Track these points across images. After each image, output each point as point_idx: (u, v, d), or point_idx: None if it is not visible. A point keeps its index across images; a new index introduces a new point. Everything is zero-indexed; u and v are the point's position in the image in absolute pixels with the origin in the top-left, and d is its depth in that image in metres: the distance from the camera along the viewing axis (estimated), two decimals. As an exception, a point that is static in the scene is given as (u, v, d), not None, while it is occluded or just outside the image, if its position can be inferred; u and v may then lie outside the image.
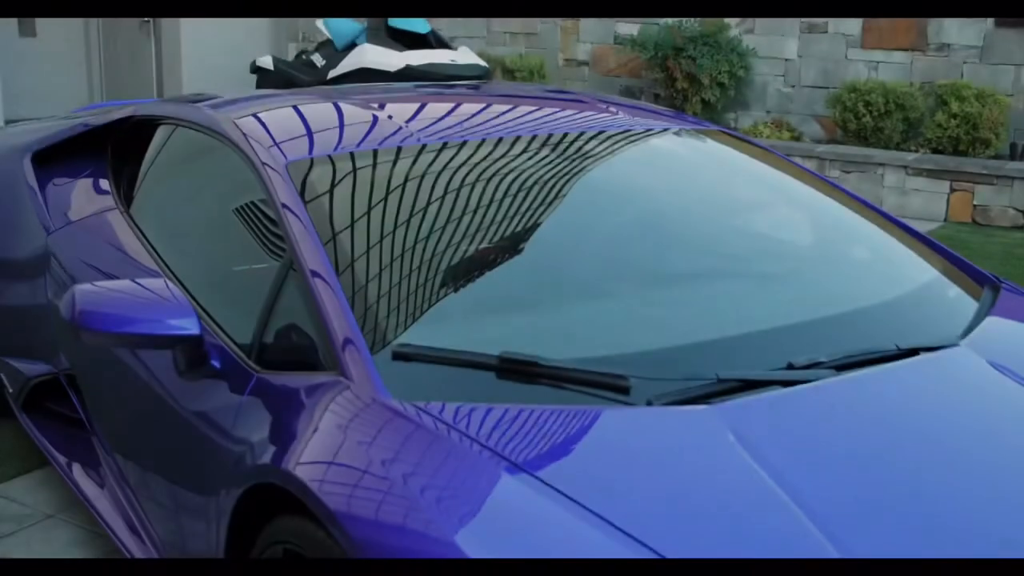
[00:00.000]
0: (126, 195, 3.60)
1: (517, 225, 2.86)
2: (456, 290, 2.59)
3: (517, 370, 2.26)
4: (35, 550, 3.36)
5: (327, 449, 2.14)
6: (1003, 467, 2.16)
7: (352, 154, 2.92)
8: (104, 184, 3.73)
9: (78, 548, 3.38)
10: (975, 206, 8.22)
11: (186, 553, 2.68)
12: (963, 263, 3.05)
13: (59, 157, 3.95)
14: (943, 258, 3.05)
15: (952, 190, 8.29)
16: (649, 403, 2.20)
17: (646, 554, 1.83)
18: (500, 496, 1.96)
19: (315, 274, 2.45)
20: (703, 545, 1.86)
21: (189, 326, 2.49)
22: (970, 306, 2.80)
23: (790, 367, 2.34)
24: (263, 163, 2.85)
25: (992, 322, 2.70)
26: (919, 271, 2.96)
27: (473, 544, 1.84)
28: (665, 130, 3.36)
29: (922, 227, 7.90)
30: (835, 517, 1.94)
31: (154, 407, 2.84)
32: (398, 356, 2.31)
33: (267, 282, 2.64)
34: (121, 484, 3.18)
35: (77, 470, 3.45)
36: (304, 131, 3.11)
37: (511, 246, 2.82)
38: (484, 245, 2.76)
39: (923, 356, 2.45)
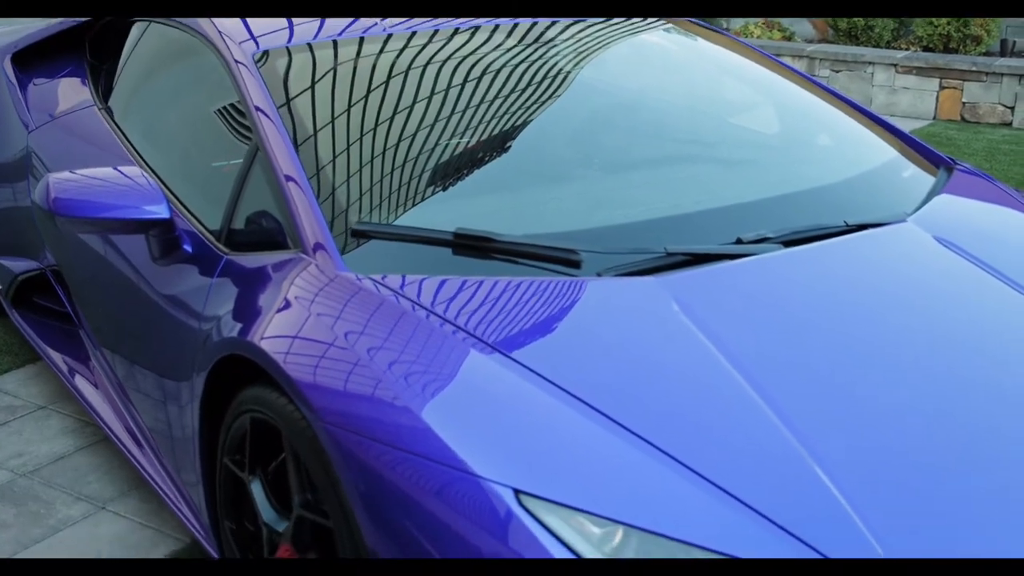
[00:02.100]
0: (104, 92, 3.66)
1: (483, 113, 2.92)
2: (418, 174, 2.66)
3: (472, 245, 2.34)
4: (27, 438, 3.49)
5: (292, 322, 2.23)
6: (937, 334, 2.25)
7: (335, 42, 2.96)
8: (82, 82, 3.78)
9: (69, 436, 3.51)
10: (964, 103, 8.22)
11: (170, 439, 2.79)
12: (920, 146, 3.11)
13: (38, 57, 4.00)
14: (901, 141, 3.11)
15: (941, 88, 8.28)
16: (599, 276, 2.29)
17: (595, 417, 1.91)
18: (467, 370, 2.04)
19: (289, 178, 2.51)
20: (651, 409, 1.95)
21: (159, 210, 2.57)
22: (923, 186, 2.87)
23: (738, 242, 2.42)
24: (236, 60, 2.89)
25: (942, 200, 2.77)
26: (875, 153, 3.02)
27: (438, 418, 1.92)
28: (634, 20, 3.39)
29: (910, 125, 7.92)
30: (770, 378, 2.04)
31: (133, 298, 2.93)
32: (357, 233, 2.39)
33: (236, 169, 2.71)
34: (109, 375, 3.29)
35: (67, 363, 3.56)
36: (280, 24, 3.13)
37: (475, 133, 2.88)
38: (449, 132, 2.82)
39: (869, 231, 2.52)
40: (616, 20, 3.34)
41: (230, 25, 3.06)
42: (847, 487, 1.83)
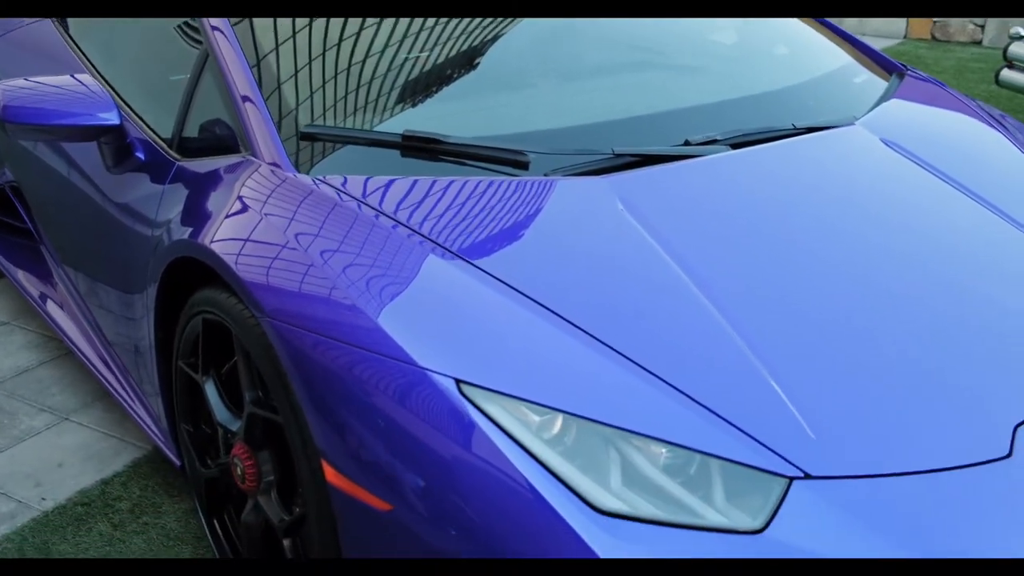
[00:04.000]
0: (58, 5, 3.62)
1: (439, 29, 2.91)
2: (368, 82, 2.65)
3: (420, 147, 2.35)
4: (-9, 353, 3.51)
5: (243, 224, 2.24)
6: (877, 232, 2.28)
7: None
8: (36, -5, 3.73)
9: (32, 351, 3.53)
10: (934, 22, 8.21)
11: (131, 352, 2.81)
12: (873, 52, 3.12)
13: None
14: (854, 48, 3.13)
15: (912, 6, 8.26)
16: (546, 176, 2.30)
17: (537, 310, 1.94)
18: (412, 267, 2.05)
19: (238, 84, 2.49)
20: (591, 302, 1.98)
21: (109, 117, 2.57)
22: (875, 91, 2.89)
23: (686, 143, 2.44)
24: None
25: (892, 104, 2.79)
26: (828, 59, 3.04)
27: (382, 311, 1.94)
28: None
29: (881, 44, 7.91)
30: (713, 273, 2.07)
31: (90, 212, 2.93)
32: (306, 136, 2.39)
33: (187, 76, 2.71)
34: (71, 291, 3.30)
35: (29, 280, 3.57)
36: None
37: (431, 48, 2.87)
38: (401, 42, 2.81)
39: (816, 134, 2.55)
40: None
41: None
42: (786, 380, 1.87)
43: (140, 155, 2.69)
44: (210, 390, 2.36)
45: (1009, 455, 1.81)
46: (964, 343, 2.02)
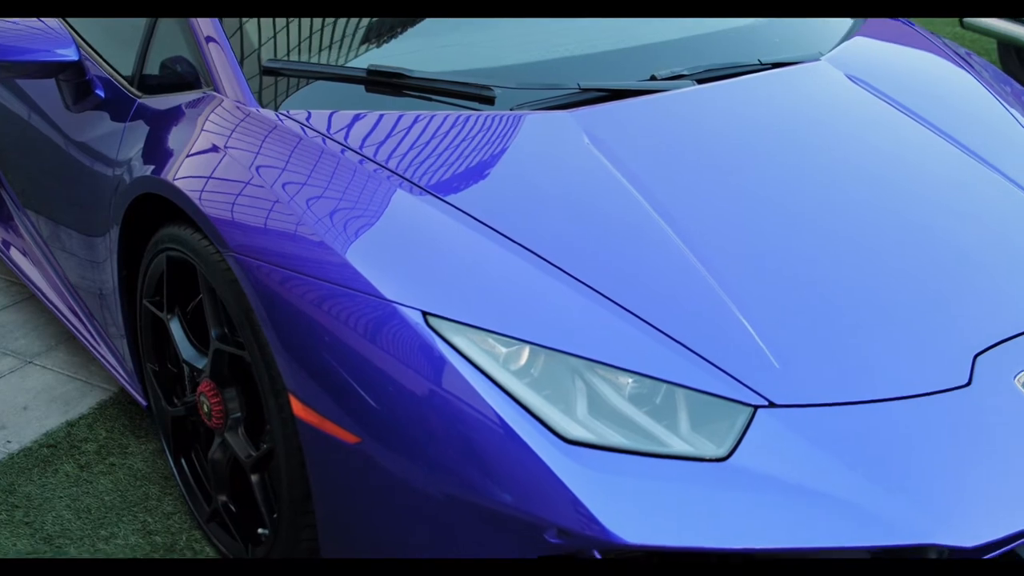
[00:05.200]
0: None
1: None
2: (332, 20, 2.62)
3: (385, 82, 2.33)
4: (-48, 297, 3.47)
5: (206, 159, 2.21)
6: (838, 164, 2.29)
7: None
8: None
9: (-5, 295, 3.50)
10: (900, -33, 8.20)
11: (95, 296, 2.78)
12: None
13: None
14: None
15: (878, -49, 8.25)
16: (511, 111, 2.30)
17: (502, 242, 1.94)
18: (377, 201, 2.04)
19: (208, 38, 2.46)
20: (555, 234, 1.98)
21: (68, 53, 2.52)
22: (841, 28, 2.89)
23: (652, 79, 2.43)
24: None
25: (857, 41, 2.80)
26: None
27: (349, 246, 1.93)
28: None
29: (845, -12, 7.89)
30: (677, 205, 2.08)
31: (52, 155, 2.89)
32: (269, 71, 2.37)
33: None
34: (34, 235, 3.26)
35: (-9, 226, 3.52)
36: None
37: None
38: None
39: (781, 69, 2.55)
40: None
41: None
42: (751, 311, 1.89)
43: (100, 92, 2.65)
44: (175, 328, 2.35)
45: (968, 384, 1.84)
46: (927, 277, 2.04)
